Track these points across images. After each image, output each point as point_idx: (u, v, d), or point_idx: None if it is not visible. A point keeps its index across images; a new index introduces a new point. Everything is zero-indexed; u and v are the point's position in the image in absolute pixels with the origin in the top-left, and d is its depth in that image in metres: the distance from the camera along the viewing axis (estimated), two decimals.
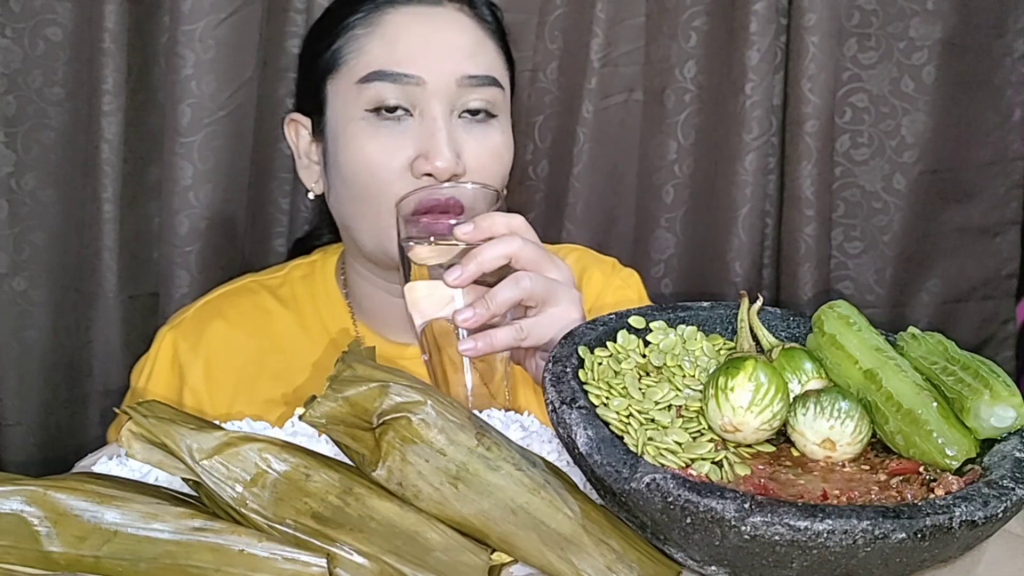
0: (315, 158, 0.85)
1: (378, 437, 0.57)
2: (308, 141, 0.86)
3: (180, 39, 0.96)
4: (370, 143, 0.78)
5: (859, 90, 1.12)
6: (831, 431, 0.56)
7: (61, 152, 1.02)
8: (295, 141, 0.87)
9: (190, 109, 0.98)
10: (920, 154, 1.13)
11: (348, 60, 0.80)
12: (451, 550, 0.54)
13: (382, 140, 0.78)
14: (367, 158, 0.78)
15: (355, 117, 0.79)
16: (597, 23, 1.06)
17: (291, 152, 0.89)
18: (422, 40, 0.80)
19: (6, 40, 0.97)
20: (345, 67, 0.80)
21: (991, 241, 1.16)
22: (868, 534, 0.47)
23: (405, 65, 0.78)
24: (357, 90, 0.79)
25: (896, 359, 0.60)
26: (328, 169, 0.83)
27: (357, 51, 0.80)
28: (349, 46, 0.81)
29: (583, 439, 0.54)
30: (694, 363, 0.63)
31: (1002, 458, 0.54)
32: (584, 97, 1.09)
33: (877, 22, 1.10)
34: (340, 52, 0.81)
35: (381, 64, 0.78)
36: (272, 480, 0.55)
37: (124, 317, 1.04)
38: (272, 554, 0.52)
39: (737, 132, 1.09)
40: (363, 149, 0.78)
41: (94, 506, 0.53)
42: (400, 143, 0.78)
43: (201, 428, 0.56)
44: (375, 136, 0.78)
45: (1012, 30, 1.11)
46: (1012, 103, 1.13)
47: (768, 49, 1.07)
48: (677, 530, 0.51)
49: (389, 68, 0.78)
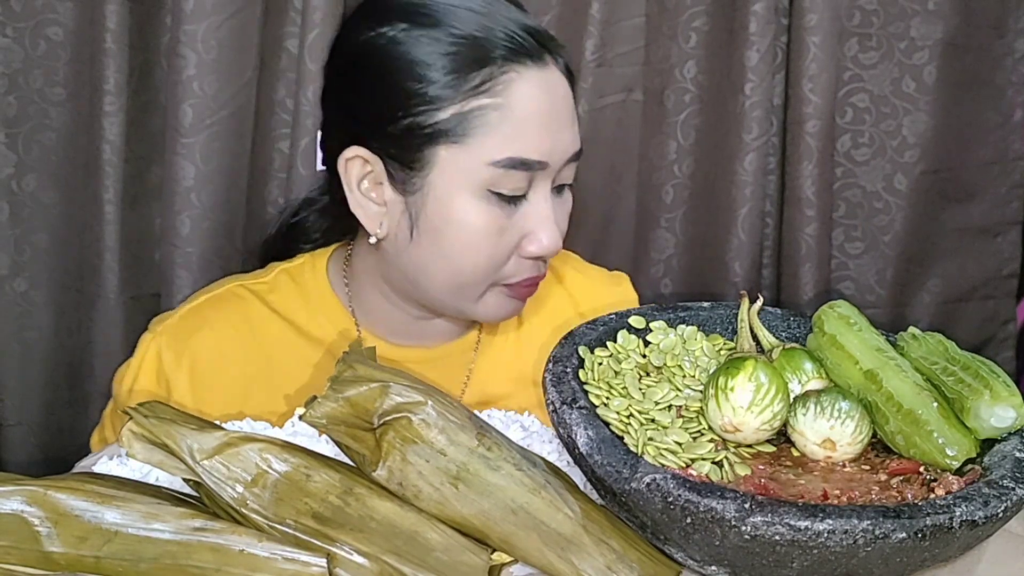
0: (382, 201, 0.78)
1: (379, 437, 0.57)
2: (378, 183, 0.77)
3: (182, 39, 0.96)
4: (482, 221, 0.74)
5: (860, 90, 1.12)
6: (831, 431, 0.56)
7: (62, 153, 1.01)
8: (353, 175, 0.78)
9: (192, 109, 0.98)
10: (921, 154, 1.13)
11: (475, 133, 0.72)
12: (451, 550, 0.54)
13: (498, 223, 0.74)
14: (478, 237, 0.74)
15: (474, 194, 0.73)
16: (592, 23, 1.06)
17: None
18: (549, 120, 0.74)
19: (7, 40, 0.97)
20: (472, 140, 0.73)
21: (991, 241, 1.16)
22: (868, 534, 0.47)
23: (537, 151, 0.73)
24: (486, 170, 0.73)
25: (896, 359, 0.60)
26: (415, 225, 0.76)
27: (485, 127, 0.72)
28: (476, 119, 0.72)
29: (583, 439, 0.54)
30: (694, 363, 0.63)
31: (1002, 458, 0.54)
32: (579, 97, 1.08)
33: (878, 22, 1.10)
34: (466, 122, 0.72)
35: (516, 151, 0.72)
36: (272, 480, 0.55)
37: (125, 318, 1.04)
38: (272, 554, 0.52)
39: (737, 132, 1.09)
40: (473, 226, 0.74)
41: (94, 506, 0.53)
42: (513, 223, 0.75)
43: (202, 428, 0.56)
44: (492, 218, 0.74)
45: (1012, 30, 1.11)
46: (1013, 103, 1.13)
47: (768, 49, 1.07)
48: (677, 530, 0.51)
49: (526, 156, 0.73)
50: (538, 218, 0.75)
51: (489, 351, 0.86)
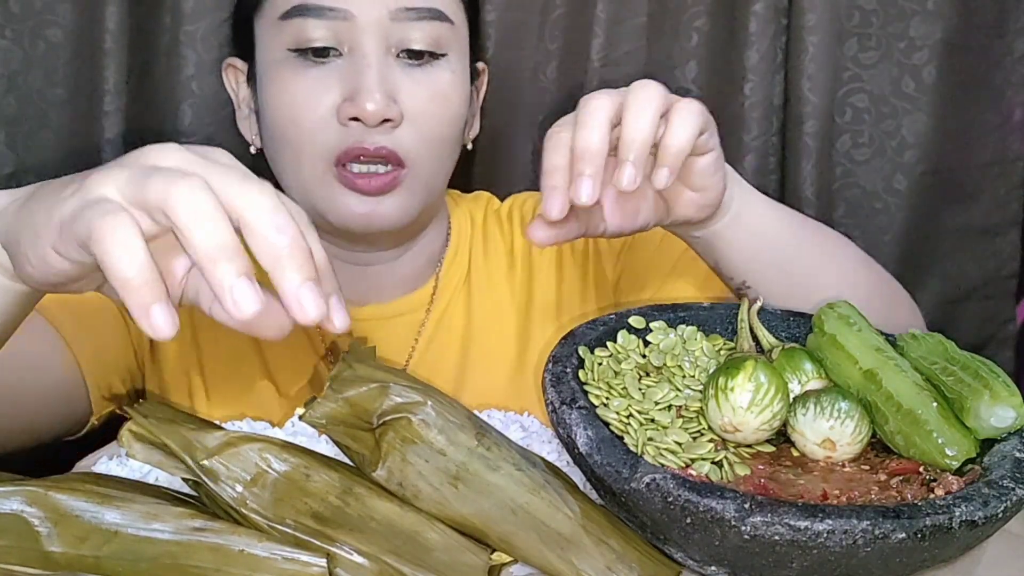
0: (249, 107, 0.79)
1: (378, 438, 0.57)
2: (245, 88, 0.79)
3: (182, 39, 0.96)
4: (293, 87, 0.71)
5: (859, 90, 1.12)
6: (831, 431, 0.56)
7: (62, 153, 1.01)
8: (234, 89, 0.80)
9: (191, 109, 0.98)
10: (921, 154, 1.13)
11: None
12: (451, 550, 0.54)
13: (306, 83, 0.71)
14: (289, 103, 0.71)
15: (278, 58, 0.72)
16: (598, 23, 1.06)
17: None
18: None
19: (6, 41, 0.97)
20: (268, 1, 0.73)
21: (991, 241, 1.16)
22: (868, 534, 0.47)
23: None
24: (279, 27, 0.71)
25: (896, 359, 0.60)
26: (259, 118, 0.76)
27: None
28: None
29: (583, 439, 0.54)
30: (694, 363, 0.63)
31: (1002, 458, 0.54)
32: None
33: (877, 22, 1.10)
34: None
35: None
36: (272, 480, 0.55)
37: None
38: (272, 554, 0.52)
39: (737, 132, 1.09)
40: (285, 93, 0.71)
41: (94, 506, 0.53)
42: (325, 85, 0.71)
43: (201, 428, 0.56)
44: (298, 79, 0.71)
45: (1012, 30, 1.11)
46: (1012, 103, 1.13)
47: (768, 49, 1.07)
48: (677, 530, 0.51)
49: (312, 1, 0.70)
50: (354, 75, 0.70)
51: (440, 305, 0.85)
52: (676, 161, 0.56)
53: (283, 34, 0.71)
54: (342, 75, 0.71)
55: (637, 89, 0.56)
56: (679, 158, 0.56)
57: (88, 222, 0.40)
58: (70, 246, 0.42)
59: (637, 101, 0.55)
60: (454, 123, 0.76)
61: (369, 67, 0.70)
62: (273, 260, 0.40)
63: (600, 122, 0.54)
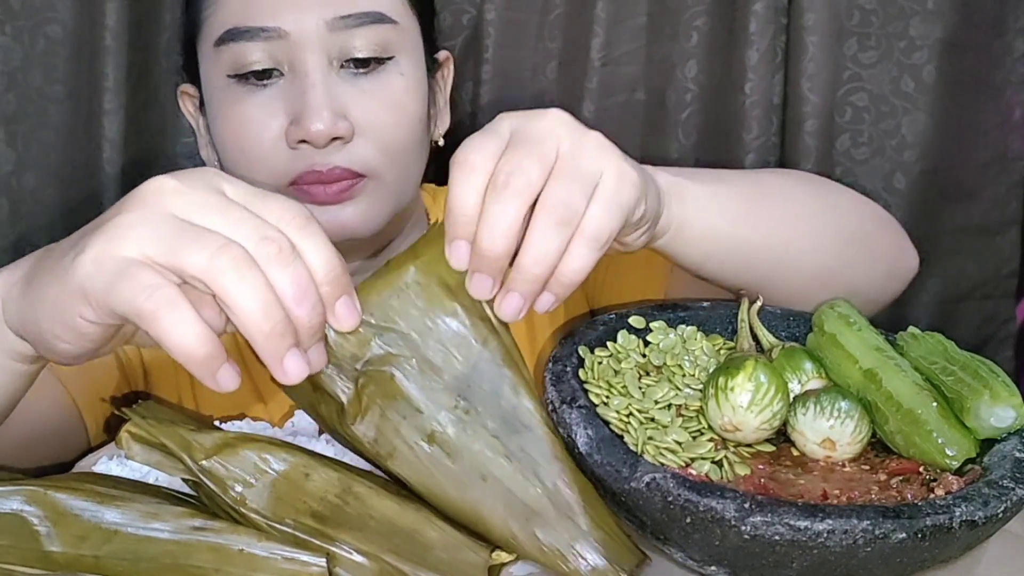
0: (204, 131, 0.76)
1: (360, 389, 0.56)
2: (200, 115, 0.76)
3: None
4: (238, 114, 0.68)
5: (859, 89, 1.12)
6: (831, 431, 0.56)
7: (62, 151, 1.01)
8: (192, 115, 0.78)
9: None
10: (920, 153, 1.13)
11: (207, 18, 0.69)
12: (451, 548, 0.54)
13: (250, 110, 0.68)
14: (236, 132, 0.69)
15: (220, 86, 0.69)
16: (598, 22, 1.06)
17: None
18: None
19: (6, 38, 0.97)
20: (205, 26, 0.70)
21: (991, 241, 1.16)
22: (868, 534, 0.47)
23: (261, 17, 0.67)
24: (217, 53, 0.68)
25: (896, 359, 0.60)
26: (213, 143, 0.74)
27: (213, 6, 0.69)
28: (206, 1, 0.70)
29: (583, 438, 0.54)
30: (694, 363, 0.63)
31: (1002, 458, 0.54)
32: (585, 97, 1.08)
33: (877, 21, 1.10)
34: (198, 8, 0.70)
35: (236, 20, 0.67)
36: (271, 480, 0.55)
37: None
38: (272, 554, 0.52)
39: (737, 131, 1.09)
40: (232, 121, 0.69)
41: (94, 506, 0.53)
42: (269, 110, 0.68)
43: (200, 428, 0.56)
44: (243, 106, 0.68)
45: (1012, 30, 1.11)
46: (1012, 103, 1.13)
47: (768, 49, 1.07)
48: (677, 530, 0.51)
49: (244, 24, 0.67)
50: (297, 96, 0.67)
51: None
52: (565, 292, 0.51)
53: (220, 61, 0.69)
54: (286, 96, 0.68)
55: (568, 175, 0.49)
56: (570, 290, 0.51)
57: (130, 300, 0.40)
58: (103, 314, 0.42)
59: (556, 201, 0.48)
60: (412, 127, 0.73)
61: (312, 85, 0.67)
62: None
63: (508, 225, 0.48)
